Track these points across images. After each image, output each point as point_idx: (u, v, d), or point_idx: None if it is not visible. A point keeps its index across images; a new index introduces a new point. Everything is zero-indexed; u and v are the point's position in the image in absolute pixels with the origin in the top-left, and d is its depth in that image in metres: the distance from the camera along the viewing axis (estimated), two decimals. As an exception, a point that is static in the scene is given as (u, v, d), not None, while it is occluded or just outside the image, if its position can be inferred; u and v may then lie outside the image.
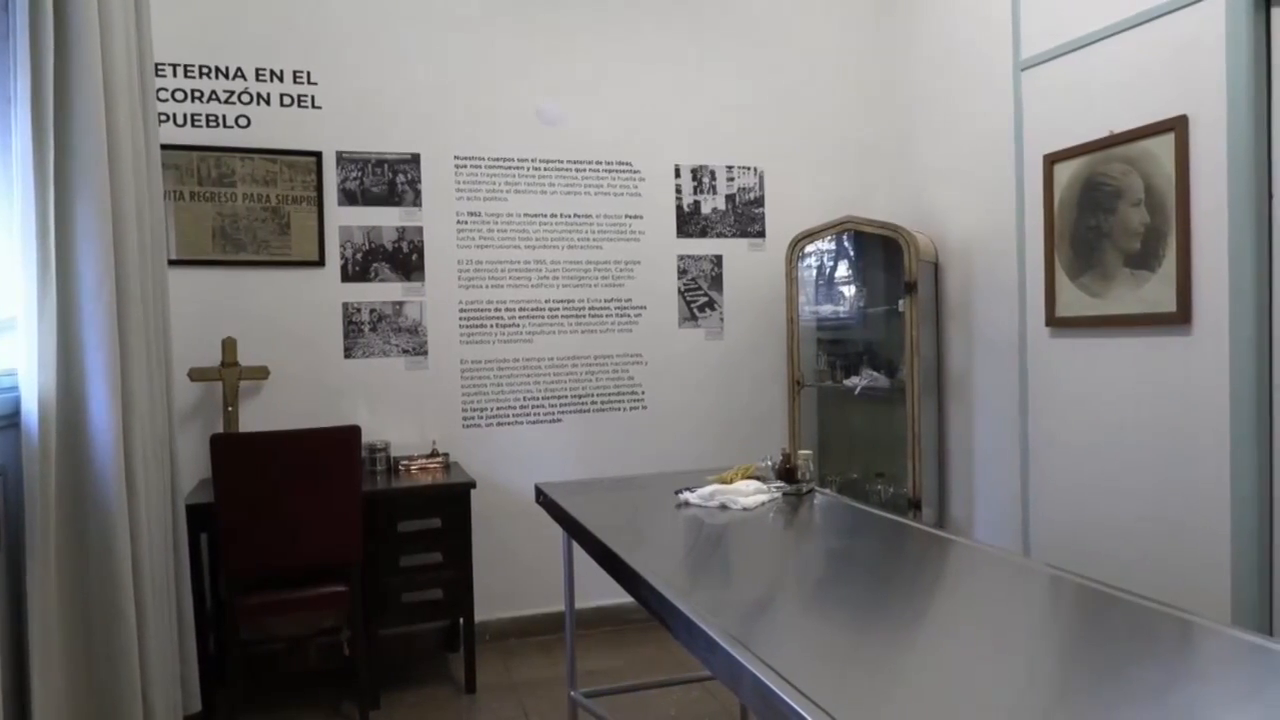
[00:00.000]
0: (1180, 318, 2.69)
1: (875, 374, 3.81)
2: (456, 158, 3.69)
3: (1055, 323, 3.16)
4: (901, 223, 3.79)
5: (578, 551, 2.24)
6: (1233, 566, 2.57)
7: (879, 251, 3.94)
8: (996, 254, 3.47)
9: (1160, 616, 1.38)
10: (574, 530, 2.20)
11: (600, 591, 3.66)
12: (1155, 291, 2.78)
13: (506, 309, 3.75)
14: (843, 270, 4.14)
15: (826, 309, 4.15)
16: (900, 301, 3.61)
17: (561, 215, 3.82)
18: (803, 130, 4.14)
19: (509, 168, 3.75)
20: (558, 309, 3.82)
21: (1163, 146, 2.74)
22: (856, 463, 4.09)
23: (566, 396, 3.83)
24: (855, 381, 3.83)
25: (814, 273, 4.16)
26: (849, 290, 4.13)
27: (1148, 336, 2.82)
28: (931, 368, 3.79)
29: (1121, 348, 2.92)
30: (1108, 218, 2.94)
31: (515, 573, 3.74)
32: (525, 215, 3.77)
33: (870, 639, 1.37)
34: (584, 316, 3.86)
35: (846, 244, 4.09)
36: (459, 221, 3.69)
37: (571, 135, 3.83)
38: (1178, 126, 2.68)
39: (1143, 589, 1.70)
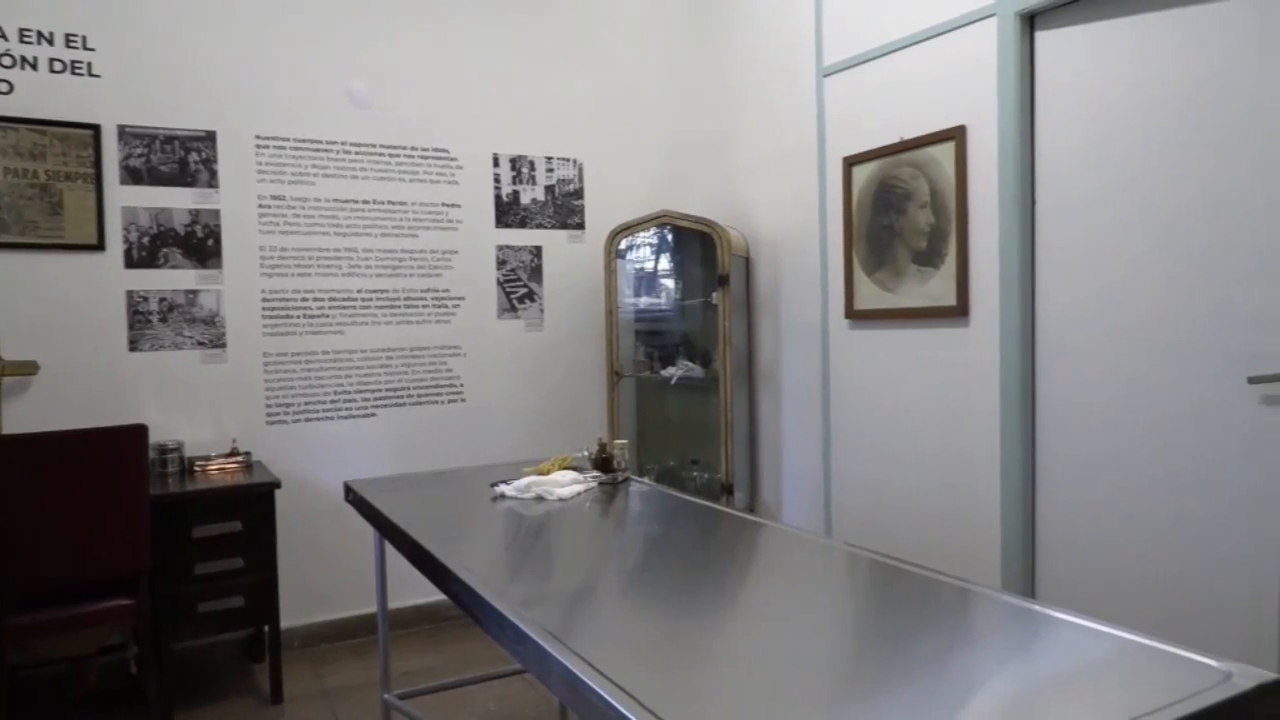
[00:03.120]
0: (959, 311, 2.94)
1: (691, 364, 3.93)
2: (258, 137, 3.46)
3: (854, 315, 3.38)
4: (716, 218, 3.91)
5: (394, 550, 2.17)
6: (1003, 533, 2.85)
7: (695, 245, 4.05)
8: (802, 250, 3.66)
9: (942, 586, 1.50)
10: (384, 528, 2.13)
11: (418, 590, 3.56)
12: (939, 287, 3.02)
13: (315, 299, 3.57)
14: (661, 263, 4.24)
15: (645, 301, 4.23)
16: (714, 294, 3.74)
17: (374, 202, 3.68)
18: (622, 124, 4.19)
19: (316, 150, 3.56)
20: (371, 299, 3.67)
21: (945, 153, 2.98)
22: (674, 451, 4.21)
23: (381, 390, 3.70)
24: (672, 372, 3.93)
25: (633, 265, 4.23)
26: (666, 283, 4.23)
27: (932, 328, 3.07)
28: (743, 358, 3.95)
29: (910, 338, 3.16)
30: (899, 218, 3.17)
31: (326, 575, 3.58)
32: (335, 200, 3.60)
33: (681, 623, 1.41)
34: (399, 307, 3.73)
35: (666, 237, 4.18)
36: (261, 205, 3.47)
37: (384, 119, 3.69)
38: (958, 135, 2.92)
39: (928, 559, 1.85)
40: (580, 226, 4.12)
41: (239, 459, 3.30)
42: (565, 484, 2.27)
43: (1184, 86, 2.40)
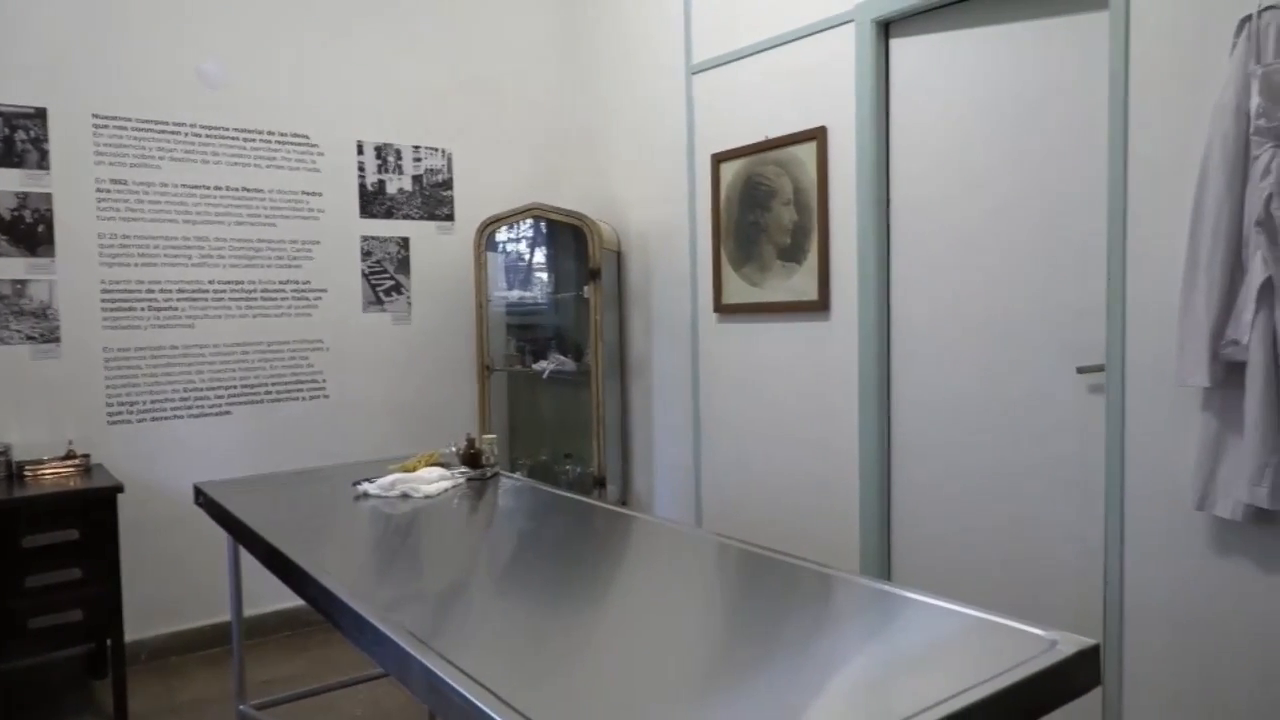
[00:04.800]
0: (821, 305, 3.05)
1: (563, 358, 3.92)
2: (96, 117, 3.22)
3: (722, 309, 3.45)
4: (589, 211, 3.91)
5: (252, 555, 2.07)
6: (861, 519, 2.97)
7: (568, 239, 4.04)
8: (672, 244, 3.71)
9: (805, 572, 1.56)
10: (237, 531, 2.03)
11: (278, 595, 3.41)
12: (802, 282, 3.13)
13: (161, 290, 3.36)
14: (533, 256, 4.20)
15: (517, 294, 4.19)
16: (586, 288, 3.74)
17: (228, 188, 3.49)
18: (493, 114, 4.13)
19: (162, 132, 3.35)
20: (224, 291, 3.48)
21: (807, 153, 3.08)
22: (546, 445, 4.19)
23: (236, 386, 3.52)
24: (544, 365, 3.90)
25: (504, 258, 4.18)
26: (538, 276, 4.20)
27: (796, 322, 3.17)
28: (614, 351, 3.97)
29: (776, 331, 3.25)
30: (764, 214, 3.25)
31: (177, 583, 3.38)
32: (183, 186, 3.39)
33: (550, 620, 1.40)
34: (256, 299, 3.55)
35: (537, 230, 4.15)
36: (100, 190, 3.23)
37: (239, 101, 3.50)
38: (819, 136, 3.02)
39: (793, 545, 1.91)
40: (449, 218, 4.03)
41: (76, 462, 3.07)
42: (431, 481, 2.22)
43: (1017, 95, 2.56)
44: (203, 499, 2.30)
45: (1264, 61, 1.92)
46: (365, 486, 2.24)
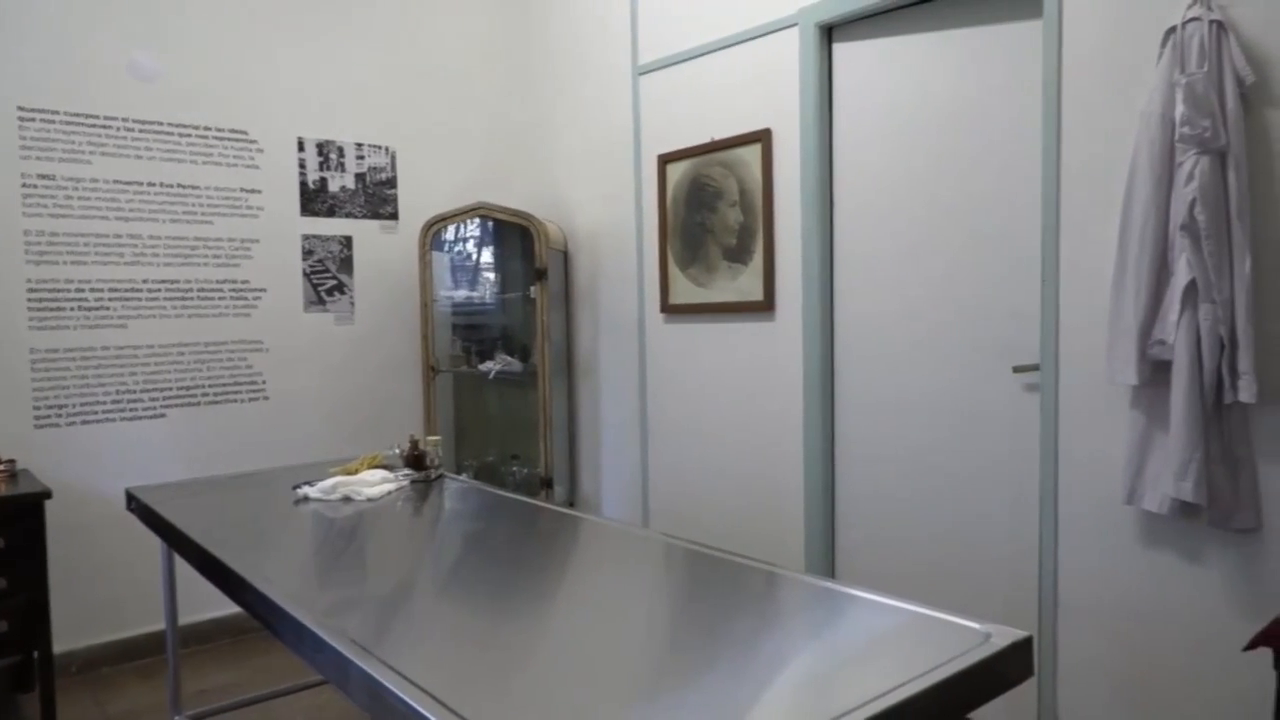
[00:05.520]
0: (766, 305, 3.08)
1: (510, 358, 3.89)
2: (21, 109, 3.10)
3: (669, 309, 3.46)
4: (536, 210, 3.89)
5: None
6: (805, 515, 3.01)
7: (514, 238, 4.01)
8: (618, 245, 3.71)
9: (752, 571, 1.57)
10: (170, 537, 1.97)
11: (216, 602, 3.34)
12: (747, 282, 3.15)
13: (92, 289, 3.25)
14: (479, 255, 4.17)
15: (462, 294, 4.15)
16: (532, 288, 3.72)
17: (162, 184, 3.39)
18: (438, 112, 4.08)
19: (93, 126, 3.24)
20: (159, 290, 3.39)
21: (753, 154, 3.10)
22: (493, 446, 4.16)
23: (171, 389, 3.42)
24: (490, 366, 3.87)
25: (450, 257, 4.13)
26: (485, 275, 4.17)
27: (742, 322, 3.20)
28: (562, 351, 3.96)
29: (722, 331, 3.27)
30: (710, 215, 3.27)
31: (110, 592, 3.27)
32: (115, 182, 3.29)
33: (496, 623, 1.39)
34: (192, 299, 3.46)
35: (483, 229, 4.12)
36: (25, 185, 3.11)
37: (174, 94, 3.40)
38: (764, 138, 3.05)
39: (739, 544, 1.92)
40: (393, 217, 3.97)
41: (0, 468, 2.95)
42: (374, 483, 2.19)
43: (956, 101, 2.62)
44: (135, 504, 2.23)
45: (1187, 71, 1.99)
46: (306, 490, 2.20)
